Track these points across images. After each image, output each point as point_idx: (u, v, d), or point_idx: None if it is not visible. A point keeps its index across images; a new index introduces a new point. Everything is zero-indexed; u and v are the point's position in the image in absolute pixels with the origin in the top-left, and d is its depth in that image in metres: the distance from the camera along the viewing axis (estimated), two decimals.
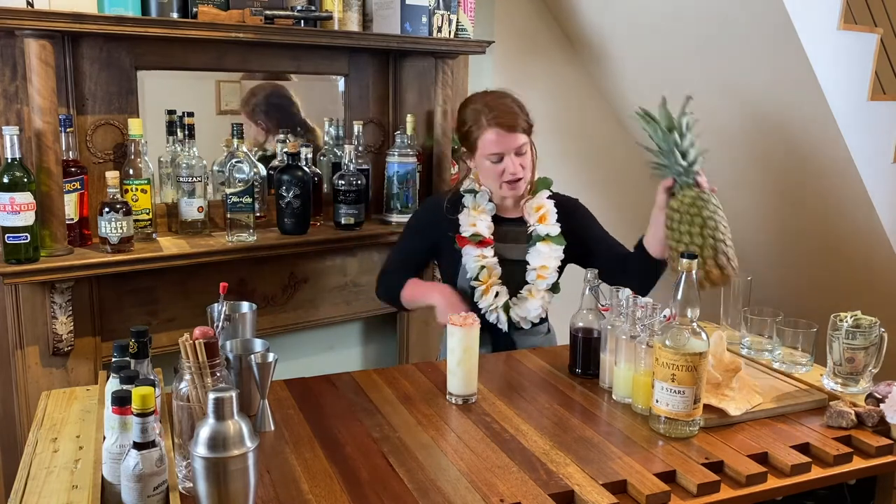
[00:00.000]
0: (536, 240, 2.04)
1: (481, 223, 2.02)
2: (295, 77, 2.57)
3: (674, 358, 1.42)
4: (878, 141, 2.80)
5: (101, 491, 1.15)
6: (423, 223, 2.14)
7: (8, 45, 1.95)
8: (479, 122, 1.98)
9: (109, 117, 2.14)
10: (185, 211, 2.24)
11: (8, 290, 2.00)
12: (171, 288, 2.24)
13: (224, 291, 1.47)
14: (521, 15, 3.18)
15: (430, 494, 1.26)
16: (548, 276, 2.02)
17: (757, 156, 3.05)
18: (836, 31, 2.60)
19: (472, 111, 2.00)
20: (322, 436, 1.46)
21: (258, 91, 2.55)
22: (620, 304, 1.64)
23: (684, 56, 2.91)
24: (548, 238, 2.04)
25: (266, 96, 2.57)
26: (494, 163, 1.98)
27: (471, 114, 2.00)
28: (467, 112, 2.02)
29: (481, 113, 1.98)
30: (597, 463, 1.36)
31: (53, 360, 2.08)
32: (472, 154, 2.02)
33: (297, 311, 2.52)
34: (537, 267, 2.02)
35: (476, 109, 2.00)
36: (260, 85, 2.55)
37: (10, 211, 1.87)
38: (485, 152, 1.98)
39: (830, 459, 1.41)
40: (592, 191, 3.45)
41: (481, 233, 2.01)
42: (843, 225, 3.00)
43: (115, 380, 1.25)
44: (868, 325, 1.64)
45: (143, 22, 2.00)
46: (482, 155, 1.99)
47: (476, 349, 1.62)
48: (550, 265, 2.02)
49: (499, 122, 1.96)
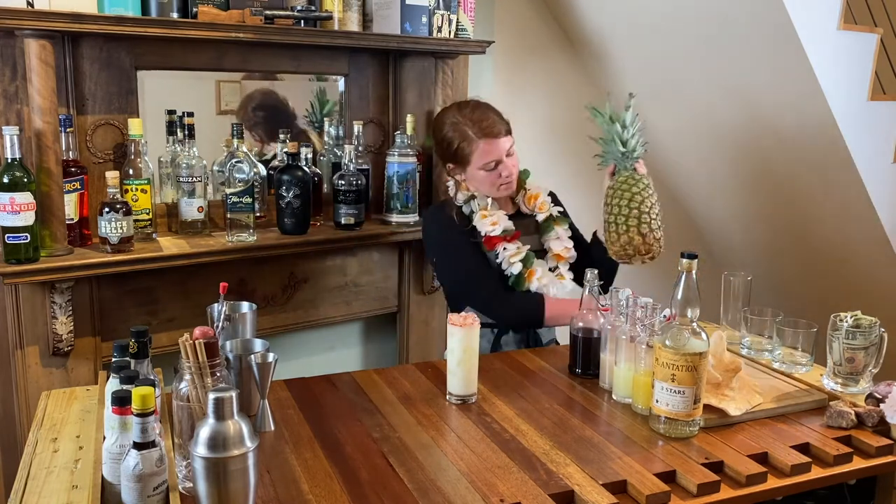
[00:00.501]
0: (550, 224, 2.14)
1: (502, 220, 2.06)
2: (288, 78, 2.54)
3: (674, 358, 1.42)
4: (878, 141, 2.80)
5: (101, 491, 1.15)
6: (450, 223, 2.08)
7: (8, 45, 1.95)
8: (467, 137, 2.03)
9: (109, 117, 2.14)
10: (185, 211, 2.24)
11: (8, 290, 2.00)
12: (171, 288, 2.24)
13: (224, 291, 1.47)
14: (521, 15, 3.18)
15: (430, 494, 1.26)
16: (570, 254, 2.12)
17: (756, 155, 3.05)
18: (836, 31, 2.60)
19: (455, 128, 2.05)
20: (322, 436, 1.46)
21: (249, 102, 2.51)
22: (620, 304, 1.64)
23: (684, 56, 2.91)
24: (557, 220, 2.15)
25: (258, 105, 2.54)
26: (490, 170, 2.04)
27: (454, 131, 2.05)
28: (449, 130, 2.06)
29: (467, 127, 2.03)
30: (597, 463, 1.36)
31: (53, 360, 2.08)
32: (464, 168, 2.07)
33: (297, 311, 2.52)
34: (560, 249, 2.11)
35: (458, 125, 2.04)
36: (249, 95, 2.51)
37: (10, 211, 1.87)
38: (480, 164, 2.03)
39: (830, 459, 1.41)
40: (592, 190, 3.45)
41: (509, 227, 2.06)
42: (842, 225, 3.00)
43: (115, 380, 1.25)
44: (868, 325, 1.64)
45: (143, 22, 2.00)
46: (477, 167, 2.04)
47: (476, 349, 1.62)
48: (569, 244, 2.13)
49: (486, 133, 2.02)
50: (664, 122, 3.27)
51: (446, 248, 2.10)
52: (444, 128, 2.08)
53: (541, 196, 2.16)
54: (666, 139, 3.40)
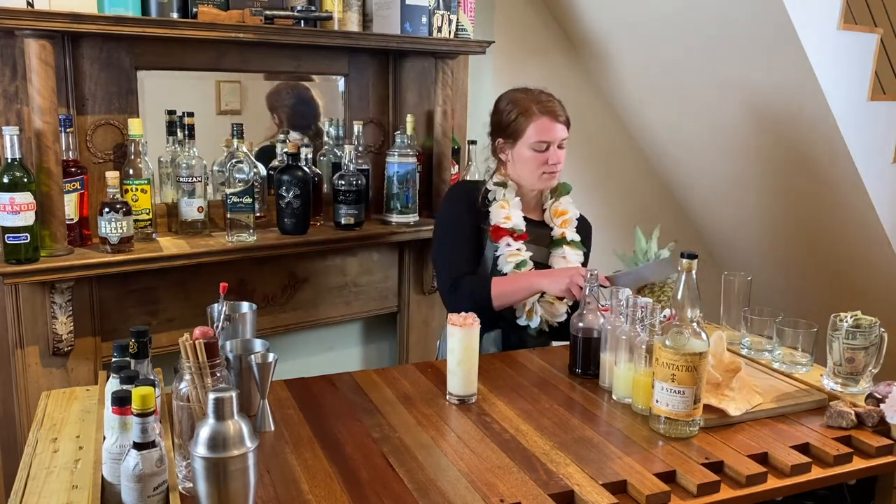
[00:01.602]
0: (561, 243, 2.07)
1: (516, 217, 2.02)
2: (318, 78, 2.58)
3: (674, 358, 1.42)
4: (878, 141, 2.80)
5: (101, 491, 1.15)
6: (463, 207, 2.06)
7: (8, 45, 1.95)
8: (528, 110, 2.00)
9: (109, 117, 2.14)
10: (185, 211, 2.24)
11: (8, 290, 2.00)
12: (171, 288, 2.24)
13: (224, 291, 1.47)
14: (521, 15, 3.18)
15: (430, 494, 1.26)
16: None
17: (756, 155, 3.05)
18: (836, 31, 2.60)
19: (518, 101, 2.02)
20: (322, 436, 1.46)
21: (283, 88, 2.57)
22: (620, 304, 1.64)
23: (684, 56, 2.91)
24: (572, 243, 2.08)
25: (290, 95, 2.59)
26: (540, 151, 2.00)
27: (516, 103, 2.02)
28: (510, 102, 2.03)
29: (531, 102, 2.01)
30: (597, 463, 1.36)
31: (53, 360, 2.08)
32: (514, 142, 2.03)
33: (297, 311, 2.52)
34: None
35: (521, 100, 2.02)
36: (287, 83, 2.56)
37: (10, 211, 1.87)
38: (532, 139, 1.99)
39: (830, 459, 1.41)
40: (592, 190, 3.46)
41: (519, 227, 2.02)
42: (843, 225, 3.00)
43: (115, 380, 1.25)
44: (868, 325, 1.64)
45: (143, 22, 2.00)
46: (528, 142, 2.00)
47: (476, 349, 1.62)
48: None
49: (548, 111, 2.00)
50: (664, 122, 3.27)
51: (445, 223, 2.08)
52: (504, 101, 2.06)
53: (569, 213, 2.10)
54: (666, 139, 3.40)
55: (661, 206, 3.72)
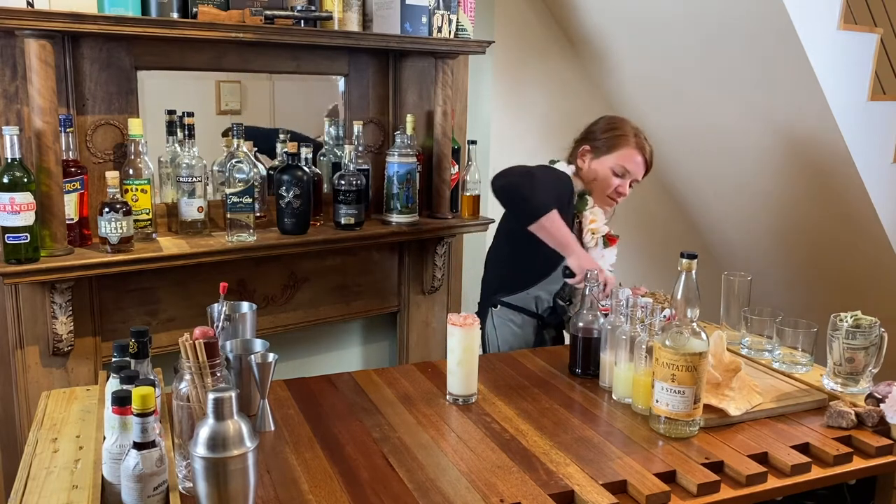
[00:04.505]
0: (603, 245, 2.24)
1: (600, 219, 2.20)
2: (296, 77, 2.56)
3: (674, 358, 1.42)
4: (878, 141, 2.80)
5: (101, 491, 1.15)
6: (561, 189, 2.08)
7: (8, 45, 1.95)
8: (627, 136, 2.17)
9: (109, 117, 2.14)
10: (185, 211, 2.24)
11: (8, 290, 2.00)
12: (171, 288, 2.24)
13: (224, 291, 1.47)
14: (521, 15, 3.18)
15: (430, 494, 1.26)
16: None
17: (756, 155, 3.05)
18: (836, 31, 2.60)
19: (622, 125, 2.20)
20: (322, 436, 1.46)
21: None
22: (620, 304, 1.64)
23: (684, 56, 2.91)
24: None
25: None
26: (618, 175, 2.15)
27: (620, 126, 2.19)
28: (616, 121, 2.20)
29: (633, 133, 2.17)
30: (597, 463, 1.36)
31: (53, 360, 2.08)
32: (599, 156, 2.17)
33: (297, 311, 2.52)
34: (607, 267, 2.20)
35: (627, 126, 2.20)
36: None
37: (10, 211, 1.87)
38: (618, 161, 2.15)
39: (830, 459, 1.41)
40: None
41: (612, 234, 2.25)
42: (843, 225, 3.00)
43: (115, 380, 1.25)
44: (868, 325, 1.64)
45: (143, 22, 2.00)
46: (612, 162, 2.15)
47: (476, 349, 1.62)
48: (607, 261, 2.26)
49: (644, 148, 2.18)
50: (664, 122, 3.27)
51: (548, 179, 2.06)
52: (610, 118, 2.21)
53: (596, 222, 2.23)
54: (666, 139, 3.40)
55: (661, 206, 3.72)
